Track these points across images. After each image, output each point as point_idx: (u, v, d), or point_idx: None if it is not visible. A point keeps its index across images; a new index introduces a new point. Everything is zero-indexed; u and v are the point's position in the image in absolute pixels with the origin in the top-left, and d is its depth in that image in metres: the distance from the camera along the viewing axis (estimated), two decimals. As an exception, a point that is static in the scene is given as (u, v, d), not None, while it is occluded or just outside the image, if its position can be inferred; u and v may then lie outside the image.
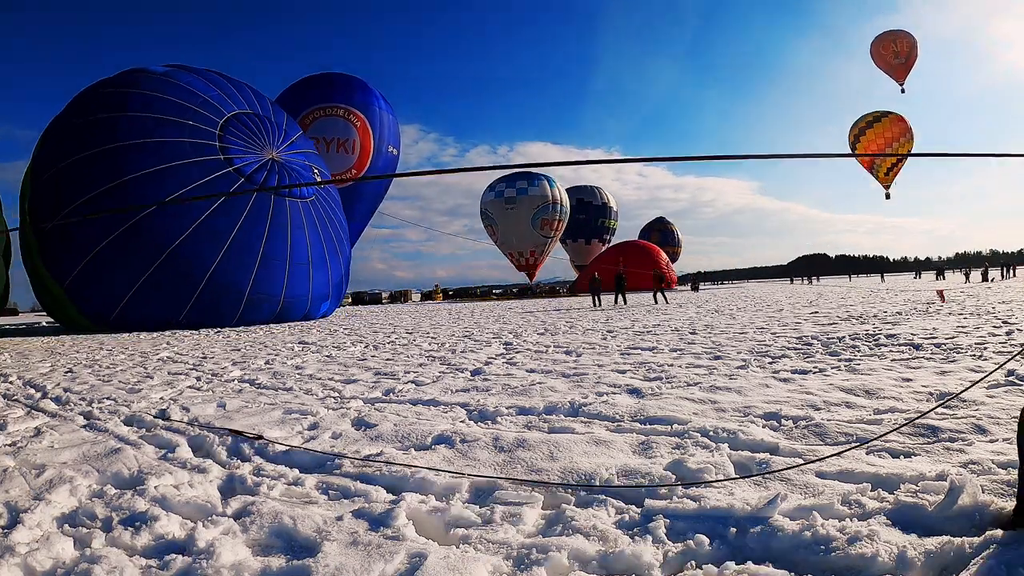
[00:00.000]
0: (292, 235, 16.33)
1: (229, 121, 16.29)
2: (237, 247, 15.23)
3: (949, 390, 3.36)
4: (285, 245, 16.15)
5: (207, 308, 15.13)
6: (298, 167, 17.61)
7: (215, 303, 15.19)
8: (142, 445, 3.00)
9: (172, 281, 14.64)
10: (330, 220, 18.21)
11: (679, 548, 1.64)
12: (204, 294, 14.98)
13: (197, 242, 14.73)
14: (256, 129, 16.83)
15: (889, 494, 1.88)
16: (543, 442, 2.64)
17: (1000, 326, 6.78)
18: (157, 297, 14.66)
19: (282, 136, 17.60)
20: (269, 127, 17.27)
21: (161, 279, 14.53)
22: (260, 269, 15.64)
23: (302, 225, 16.72)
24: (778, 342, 6.35)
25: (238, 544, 1.76)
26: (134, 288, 14.49)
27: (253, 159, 16.17)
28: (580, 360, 5.65)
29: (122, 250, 14.30)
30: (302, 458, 2.68)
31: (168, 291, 14.70)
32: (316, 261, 17.16)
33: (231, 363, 6.73)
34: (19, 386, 5.49)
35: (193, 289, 14.84)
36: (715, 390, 3.75)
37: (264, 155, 16.53)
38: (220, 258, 14.97)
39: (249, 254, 15.45)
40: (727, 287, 53.16)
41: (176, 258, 14.55)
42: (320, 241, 17.42)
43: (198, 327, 14.91)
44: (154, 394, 4.63)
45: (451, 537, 1.78)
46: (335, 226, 18.47)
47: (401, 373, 5.30)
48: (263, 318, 16.21)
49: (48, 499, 2.14)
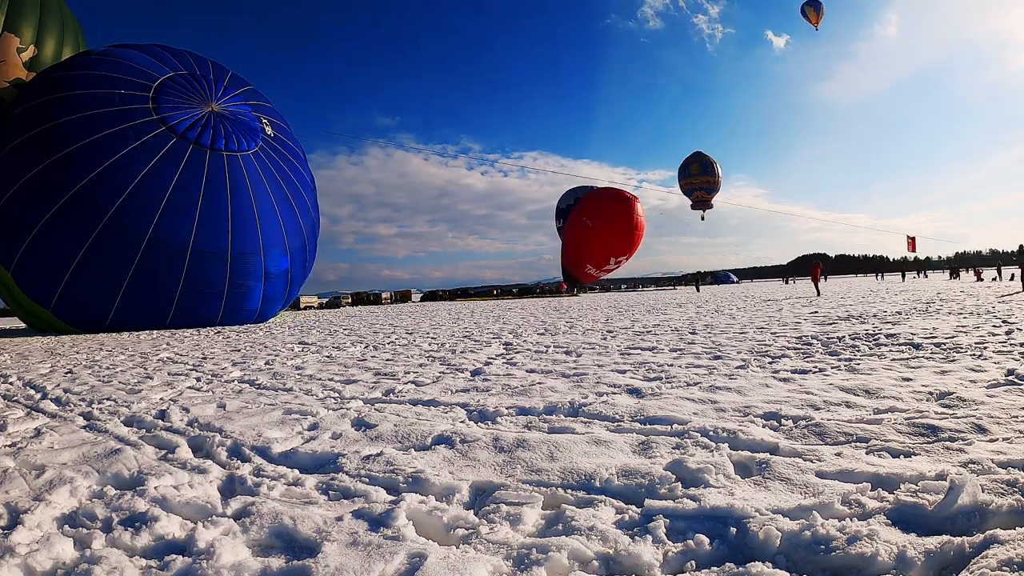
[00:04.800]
0: (232, 189, 16.06)
1: (163, 84, 16.29)
2: (173, 204, 15.09)
3: (949, 390, 3.36)
4: (224, 198, 15.88)
5: (148, 273, 14.93)
6: (245, 118, 17.48)
7: (155, 266, 14.97)
8: (142, 446, 3.00)
9: (112, 248, 14.51)
10: (282, 173, 17.80)
11: (679, 548, 1.64)
12: (145, 257, 14.78)
13: (134, 204, 14.66)
14: (193, 87, 16.85)
15: (889, 494, 1.88)
16: (543, 442, 2.64)
17: (1000, 325, 6.78)
18: (96, 265, 14.51)
19: (222, 90, 17.54)
20: (207, 84, 17.27)
21: (98, 253, 14.42)
22: (200, 224, 15.41)
23: (243, 178, 16.45)
24: (778, 342, 6.35)
25: (238, 544, 1.76)
26: (77, 258, 14.37)
27: (189, 115, 16.12)
28: (580, 360, 5.65)
29: (63, 221, 14.23)
30: (302, 458, 2.68)
31: (109, 258, 14.54)
32: (264, 215, 16.77)
33: (231, 363, 6.73)
34: (19, 387, 5.49)
35: (134, 253, 14.67)
36: (715, 390, 3.75)
37: (203, 109, 16.52)
38: (157, 217, 14.83)
39: (187, 210, 15.31)
40: (726, 287, 53.09)
41: (115, 223, 14.47)
42: (267, 193, 17.00)
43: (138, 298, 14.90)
44: (154, 395, 4.63)
45: (451, 537, 1.78)
46: (289, 179, 18.04)
47: (401, 373, 5.30)
48: (215, 275, 15.89)
49: (48, 500, 2.14)
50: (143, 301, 15.27)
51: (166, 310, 15.72)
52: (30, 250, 14.35)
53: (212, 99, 17.02)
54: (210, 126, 16.35)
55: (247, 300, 17.14)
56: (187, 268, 15.39)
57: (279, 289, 18.19)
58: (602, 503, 1.97)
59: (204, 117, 16.39)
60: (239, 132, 16.97)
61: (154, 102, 15.83)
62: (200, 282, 15.74)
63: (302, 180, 19.03)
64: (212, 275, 15.92)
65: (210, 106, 16.75)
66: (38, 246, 14.32)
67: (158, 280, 15.19)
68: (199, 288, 15.79)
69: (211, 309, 16.46)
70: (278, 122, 19.40)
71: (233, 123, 16.98)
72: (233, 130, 16.80)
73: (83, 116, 14.87)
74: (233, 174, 16.25)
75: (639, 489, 2.08)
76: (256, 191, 16.73)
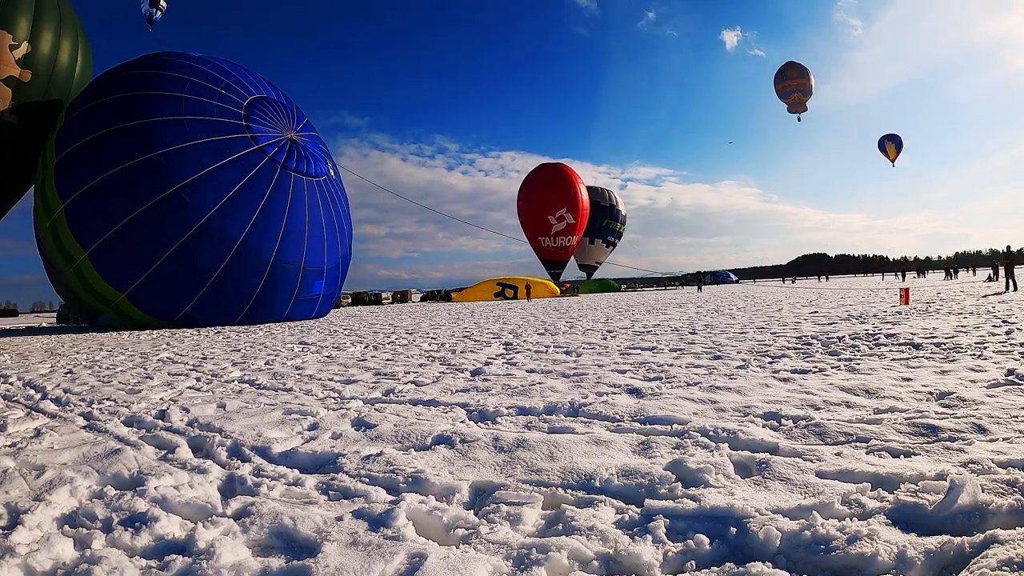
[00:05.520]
0: (309, 210, 17.25)
1: (252, 103, 17.20)
2: (263, 219, 16.12)
3: (949, 390, 3.36)
4: (303, 216, 17.07)
5: (232, 278, 15.81)
6: (314, 149, 18.60)
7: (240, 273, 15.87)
8: (142, 446, 3.00)
9: (199, 255, 15.28)
10: (334, 203, 18.98)
11: (679, 548, 1.64)
12: (233, 263, 15.64)
13: (227, 214, 15.53)
14: (275, 112, 17.79)
15: (889, 494, 1.88)
16: (543, 442, 2.64)
17: (1000, 325, 6.78)
18: (184, 265, 15.25)
19: (296, 120, 18.56)
20: (286, 111, 18.25)
21: (187, 253, 15.15)
22: (284, 239, 16.52)
23: (317, 202, 17.65)
24: (778, 342, 6.35)
25: (238, 544, 1.76)
26: (165, 255, 15.04)
27: (274, 138, 17.08)
28: (580, 360, 5.65)
29: (155, 219, 14.90)
30: (302, 458, 2.68)
31: (192, 266, 15.30)
32: (329, 236, 18.08)
33: (231, 364, 6.73)
34: (19, 387, 5.49)
35: (222, 258, 15.52)
36: (715, 390, 3.76)
37: (284, 135, 17.49)
38: (248, 229, 15.78)
39: (274, 225, 16.36)
40: (726, 287, 53.13)
41: (208, 228, 15.30)
42: (332, 219, 18.31)
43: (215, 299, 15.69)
44: (154, 395, 4.63)
45: (451, 537, 1.78)
46: (338, 209, 19.26)
47: (401, 373, 5.30)
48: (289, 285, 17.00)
49: (48, 500, 2.14)
50: (218, 301, 16.11)
51: (238, 310, 16.61)
52: (114, 238, 14.93)
53: (292, 128, 18.07)
54: (293, 152, 17.40)
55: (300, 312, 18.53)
56: (266, 277, 16.42)
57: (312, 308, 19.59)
58: (602, 503, 1.97)
59: (285, 143, 17.39)
60: (312, 161, 18.06)
61: (247, 120, 16.73)
62: (274, 291, 16.82)
63: (349, 224, 20.37)
64: (285, 285, 17.04)
65: (289, 133, 17.79)
66: (124, 236, 14.93)
67: (241, 284, 16.10)
68: (270, 296, 16.88)
69: (273, 315, 17.59)
70: (335, 167, 20.70)
71: (307, 152, 18.03)
72: (307, 157, 17.86)
73: (183, 120, 15.60)
74: (310, 196, 17.50)
75: (639, 489, 2.08)
76: (326, 216, 18.08)
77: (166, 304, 15.81)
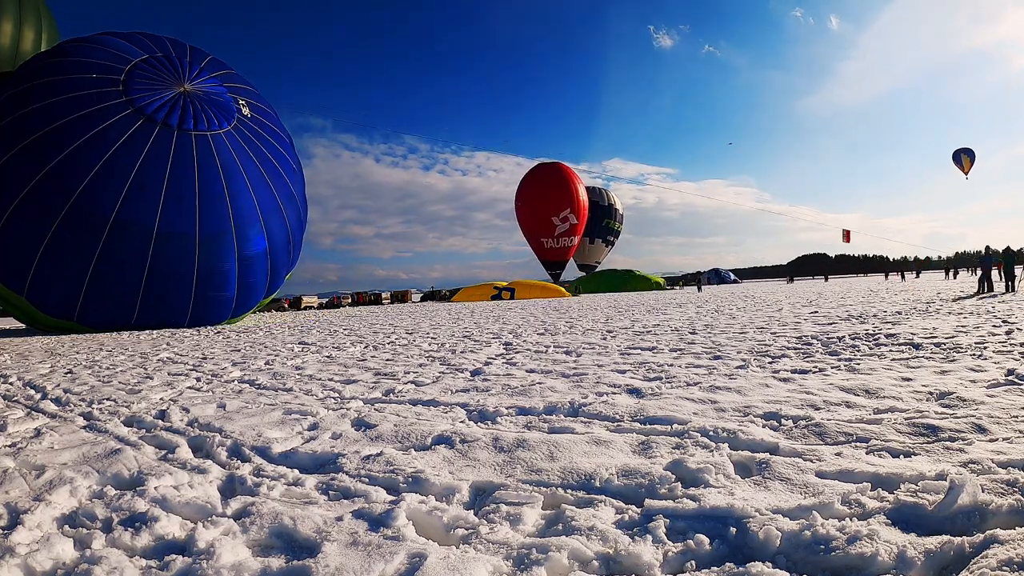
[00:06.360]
0: (200, 168, 16.00)
1: (136, 67, 16.47)
2: (137, 185, 15.12)
3: (949, 390, 3.36)
4: (191, 178, 15.83)
5: (113, 258, 14.90)
6: (219, 98, 17.47)
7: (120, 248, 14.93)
8: (142, 446, 3.00)
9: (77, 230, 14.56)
10: (259, 153, 17.62)
11: (679, 548, 1.64)
12: (109, 240, 14.77)
13: (97, 186, 14.77)
14: (166, 68, 17.01)
15: (889, 494, 1.88)
16: (543, 442, 2.64)
17: (1000, 325, 6.78)
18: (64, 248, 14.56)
19: (197, 71, 17.62)
20: (181, 66, 17.36)
21: (66, 229, 14.49)
22: (166, 205, 15.35)
23: (212, 157, 16.39)
24: (778, 342, 6.35)
25: (238, 544, 1.76)
26: (45, 241, 14.43)
27: (158, 96, 16.22)
28: (580, 360, 5.65)
29: (33, 206, 14.37)
30: (302, 458, 2.68)
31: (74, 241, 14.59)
32: (236, 193, 16.59)
33: (231, 364, 6.73)
34: (19, 387, 5.49)
35: (98, 236, 14.70)
36: (715, 390, 3.75)
37: (174, 90, 16.61)
38: (122, 199, 14.86)
39: (152, 190, 15.29)
40: (726, 287, 53.12)
41: (81, 205, 14.56)
42: (239, 172, 16.87)
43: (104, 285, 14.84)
44: (154, 395, 4.63)
45: (451, 537, 1.78)
46: (268, 161, 17.85)
47: (401, 373, 5.30)
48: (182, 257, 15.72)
49: (48, 500, 2.14)
50: (109, 288, 15.15)
51: (133, 297, 15.50)
52: (1, 237, 14.44)
53: (185, 80, 17.05)
54: (178, 107, 16.37)
55: (222, 286, 16.75)
56: (152, 250, 15.22)
57: (259, 275, 17.75)
58: (602, 503, 1.97)
59: (174, 98, 16.43)
60: (211, 111, 16.90)
61: (124, 85, 15.95)
62: (166, 266, 15.50)
63: (285, 164, 18.72)
64: (179, 257, 15.64)
65: (182, 87, 16.80)
66: (8, 232, 14.42)
67: (124, 264, 15.07)
68: (166, 272, 15.54)
69: (181, 298, 16.13)
70: (260, 104, 19.16)
71: (205, 102, 16.94)
72: (204, 109, 16.75)
73: (55, 101, 15.04)
74: (201, 154, 16.19)
75: (639, 489, 2.08)
76: (228, 170, 16.54)
77: (61, 299, 15.03)
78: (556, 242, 47.30)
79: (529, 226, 47.70)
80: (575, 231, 47.33)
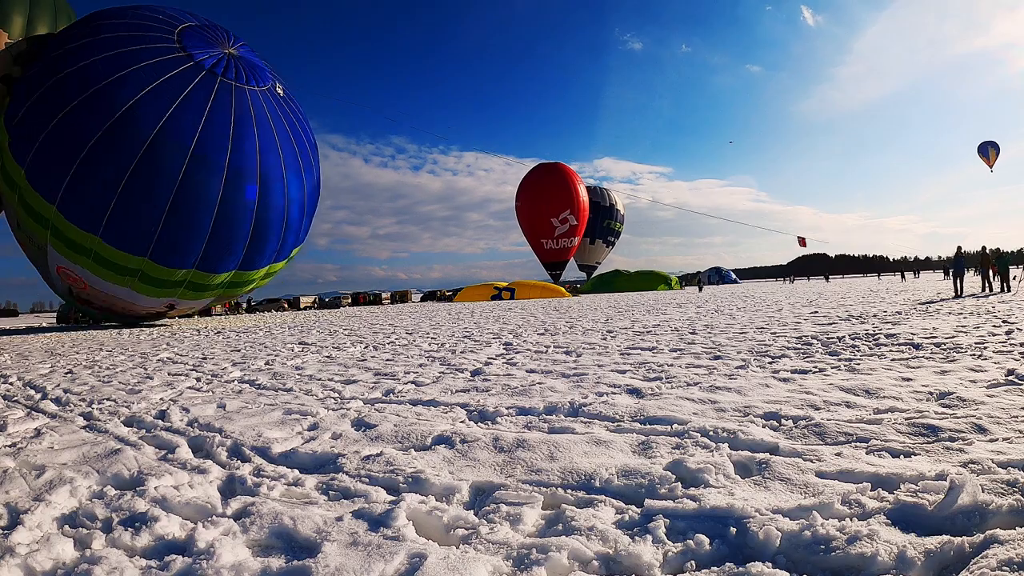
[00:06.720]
0: (236, 113, 16.98)
1: (184, 30, 17.41)
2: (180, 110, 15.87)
3: (949, 390, 3.36)
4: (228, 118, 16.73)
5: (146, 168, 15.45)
6: (258, 63, 18.51)
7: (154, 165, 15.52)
8: (142, 446, 3.00)
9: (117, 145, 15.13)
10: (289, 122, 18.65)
11: (679, 548, 1.64)
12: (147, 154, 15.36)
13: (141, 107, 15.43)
14: (210, 33, 17.98)
15: (889, 494, 1.88)
16: (543, 442, 2.64)
17: (1000, 325, 6.78)
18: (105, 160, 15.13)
19: (234, 39, 18.60)
20: (221, 32, 18.37)
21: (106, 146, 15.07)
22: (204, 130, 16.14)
23: (264, 111, 17.49)
24: (778, 342, 6.35)
25: (238, 544, 1.75)
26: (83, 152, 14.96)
27: (211, 54, 17.18)
28: (580, 360, 5.65)
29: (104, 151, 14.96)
30: (302, 458, 2.68)
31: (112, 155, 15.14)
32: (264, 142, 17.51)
33: (231, 364, 6.73)
34: (19, 387, 5.49)
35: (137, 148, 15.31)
36: (715, 390, 3.75)
37: (222, 51, 17.59)
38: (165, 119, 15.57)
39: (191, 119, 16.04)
40: (727, 287, 53.11)
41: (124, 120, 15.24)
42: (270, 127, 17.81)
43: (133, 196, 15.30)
44: (154, 395, 4.63)
45: (451, 537, 1.78)
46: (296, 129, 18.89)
47: (401, 374, 5.30)
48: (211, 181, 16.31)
49: (48, 500, 2.14)
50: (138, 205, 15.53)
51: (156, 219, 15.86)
52: (73, 182, 14.93)
53: (229, 45, 18.05)
54: (223, 62, 17.31)
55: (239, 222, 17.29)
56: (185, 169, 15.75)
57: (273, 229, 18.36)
58: (602, 503, 1.97)
59: (220, 56, 17.40)
60: (251, 73, 17.86)
61: (179, 42, 16.85)
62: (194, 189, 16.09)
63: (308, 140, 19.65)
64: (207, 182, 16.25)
65: (227, 49, 17.80)
66: (83, 178, 14.94)
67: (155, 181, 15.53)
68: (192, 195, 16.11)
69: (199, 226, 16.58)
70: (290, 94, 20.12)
71: (246, 65, 17.90)
72: (245, 70, 17.71)
73: (119, 53, 15.77)
74: (238, 101, 17.11)
75: (639, 489, 2.08)
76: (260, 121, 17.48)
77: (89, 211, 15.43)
78: (556, 243, 47.36)
79: (529, 227, 47.76)
80: (575, 232, 47.37)
